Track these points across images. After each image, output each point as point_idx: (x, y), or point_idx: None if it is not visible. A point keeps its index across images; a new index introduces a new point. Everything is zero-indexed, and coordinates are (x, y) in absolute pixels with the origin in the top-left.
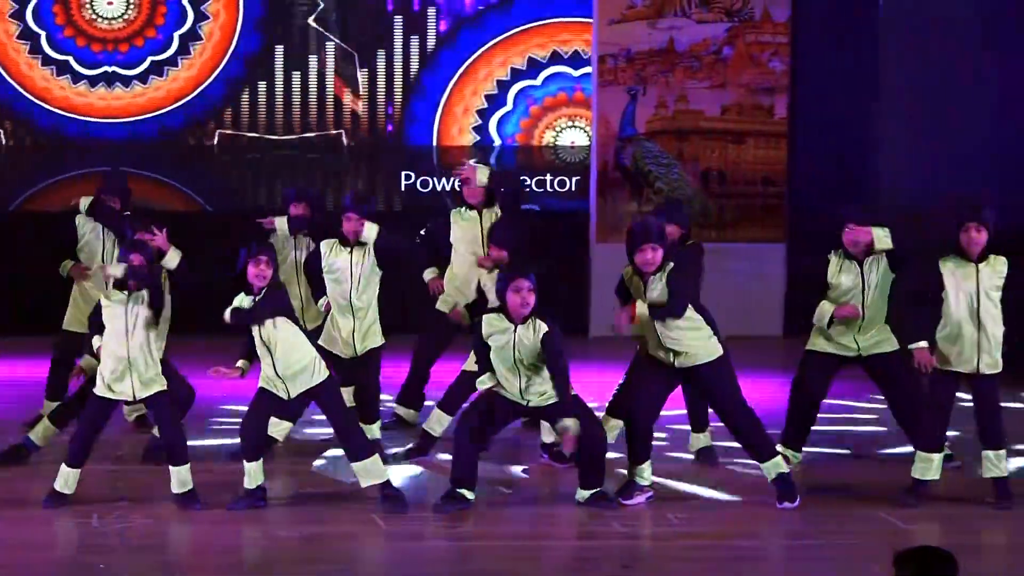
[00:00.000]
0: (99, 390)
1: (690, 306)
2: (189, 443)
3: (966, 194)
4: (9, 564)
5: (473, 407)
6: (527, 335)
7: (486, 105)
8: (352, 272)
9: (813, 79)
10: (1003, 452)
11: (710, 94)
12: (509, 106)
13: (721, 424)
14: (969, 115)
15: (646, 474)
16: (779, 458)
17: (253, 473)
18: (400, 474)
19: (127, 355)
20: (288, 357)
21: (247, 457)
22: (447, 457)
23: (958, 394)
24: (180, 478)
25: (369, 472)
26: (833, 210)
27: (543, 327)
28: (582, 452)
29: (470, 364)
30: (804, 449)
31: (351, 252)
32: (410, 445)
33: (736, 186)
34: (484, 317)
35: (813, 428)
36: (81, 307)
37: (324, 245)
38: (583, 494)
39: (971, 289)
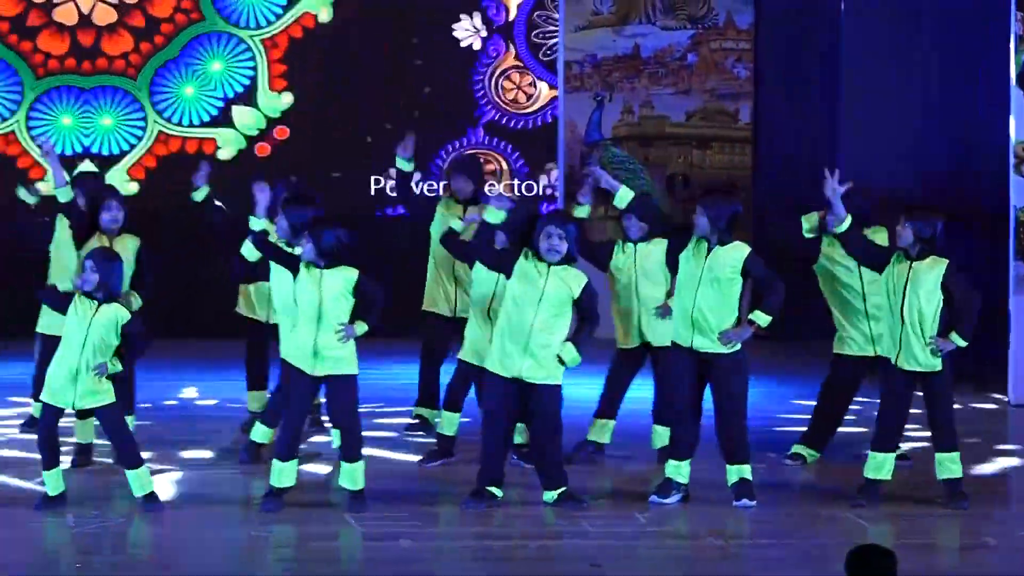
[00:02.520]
0: (45, 396)
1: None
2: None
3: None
4: None
5: (496, 408)
6: (559, 278)
7: None
8: None
9: (776, 85)
10: (957, 455)
11: (675, 100)
12: None
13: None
14: (930, 115)
15: (684, 472)
16: (747, 466)
17: (285, 472)
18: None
19: (76, 365)
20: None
21: (284, 456)
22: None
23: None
24: (140, 481)
25: (354, 477)
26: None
27: (583, 280)
28: (540, 454)
29: (465, 354)
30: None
31: None
32: (433, 449)
33: (701, 191)
34: (522, 255)
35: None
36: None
37: None
38: (550, 495)
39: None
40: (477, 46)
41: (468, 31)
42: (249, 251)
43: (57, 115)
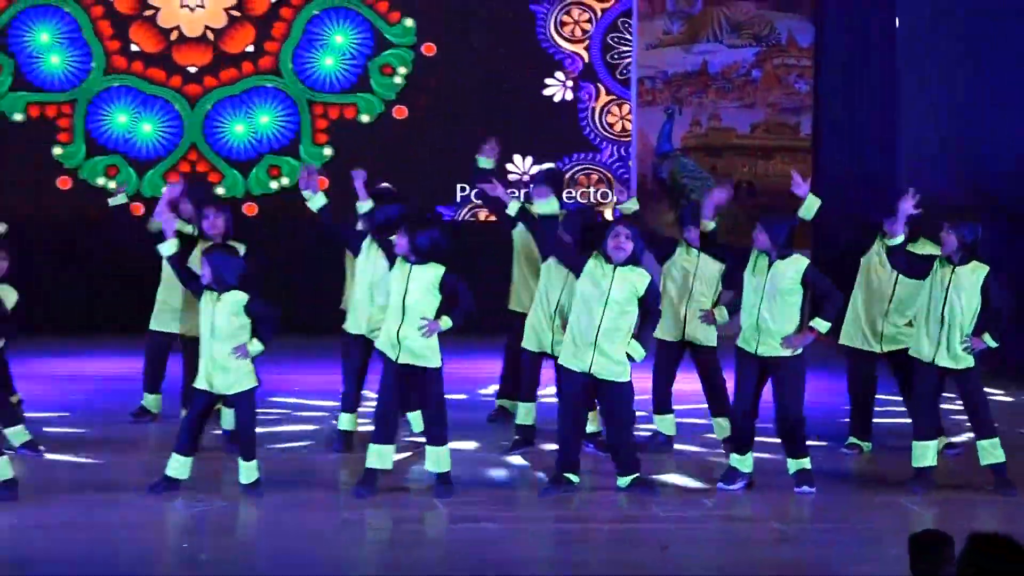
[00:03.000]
0: (198, 383)
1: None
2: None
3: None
4: (105, 541)
5: (571, 398)
6: (624, 278)
7: None
8: None
9: (835, 98)
10: (996, 440)
11: (740, 113)
12: None
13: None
14: (987, 123)
15: (747, 462)
16: (807, 457)
17: (383, 455)
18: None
19: (210, 352)
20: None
21: (380, 439)
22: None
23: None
24: (248, 472)
25: (439, 461)
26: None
27: (647, 279)
28: (615, 443)
29: (530, 344)
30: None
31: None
32: (516, 438)
33: (764, 198)
34: (592, 256)
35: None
36: (163, 308)
37: None
38: (624, 480)
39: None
40: (570, 96)
41: (555, 85)
42: (316, 200)
43: (230, 124)
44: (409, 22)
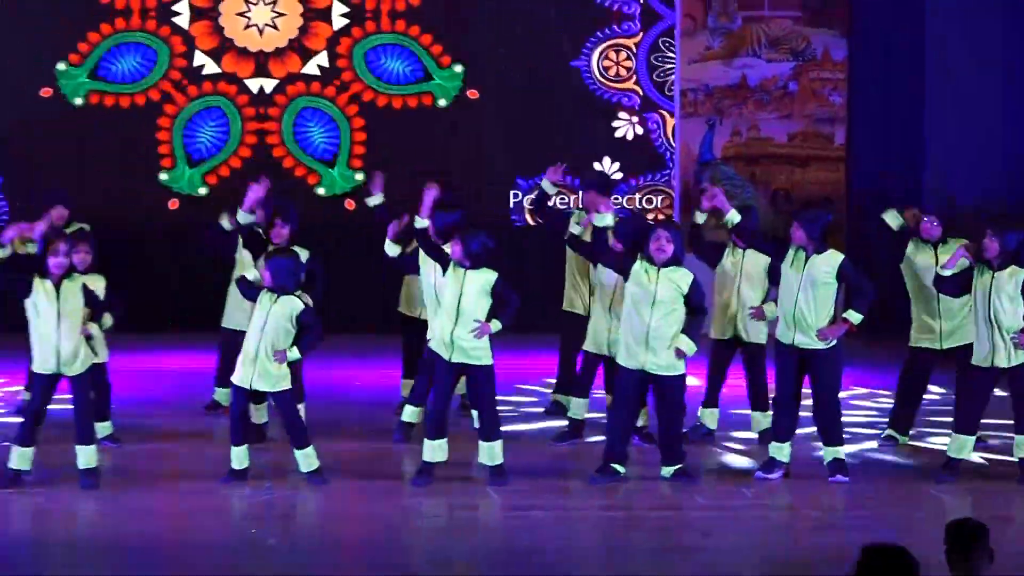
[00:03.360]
0: (234, 378)
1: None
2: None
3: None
4: (179, 527)
5: (625, 395)
6: (668, 279)
7: None
8: None
9: (867, 110)
10: None
11: (778, 124)
12: None
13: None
14: (1017, 131)
15: (785, 452)
16: (841, 447)
17: (436, 449)
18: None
19: (256, 348)
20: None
21: (433, 435)
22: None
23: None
24: (307, 460)
25: (492, 454)
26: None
27: (690, 277)
28: (664, 434)
29: (588, 345)
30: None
31: None
32: (564, 430)
33: (800, 204)
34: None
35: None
36: (235, 306)
37: None
38: (668, 470)
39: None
40: (641, 131)
41: (623, 123)
42: (390, 248)
43: (313, 129)
44: (458, 67)
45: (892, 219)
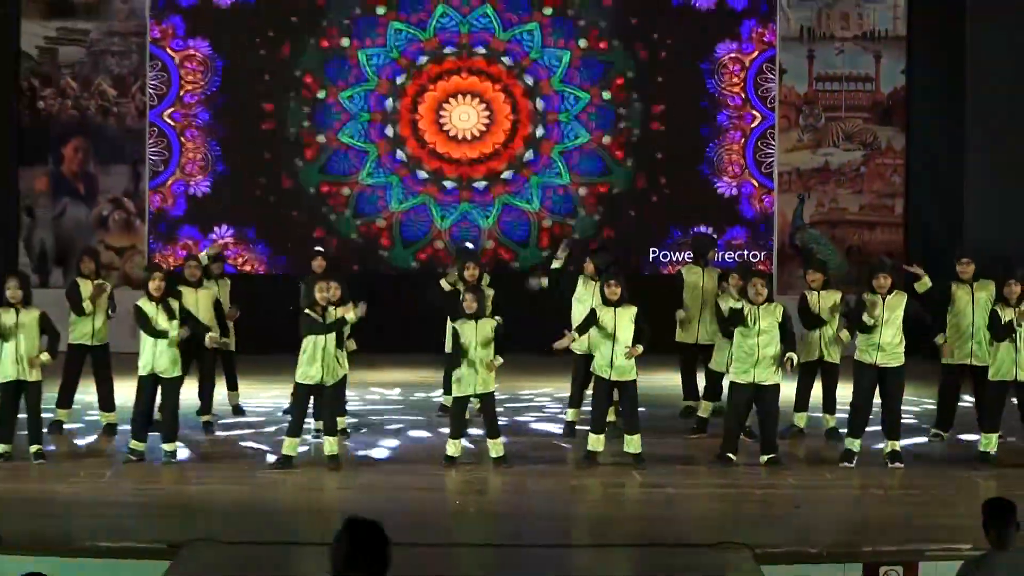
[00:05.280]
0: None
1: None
2: None
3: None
4: (400, 499)
5: (738, 402)
6: (768, 312)
7: None
8: None
9: (921, 187)
10: None
11: (852, 197)
12: None
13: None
14: None
15: (857, 444)
16: (898, 442)
17: (596, 442)
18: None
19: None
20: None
21: (597, 431)
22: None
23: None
24: (496, 448)
25: (634, 445)
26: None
27: (781, 308)
28: (763, 430)
29: (715, 364)
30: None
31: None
32: (693, 427)
33: (868, 257)
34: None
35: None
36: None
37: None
38: (764, 457)
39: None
40: (735, 192)
41: (729, 182)
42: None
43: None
44: (630, 162)
45: (921, 287)
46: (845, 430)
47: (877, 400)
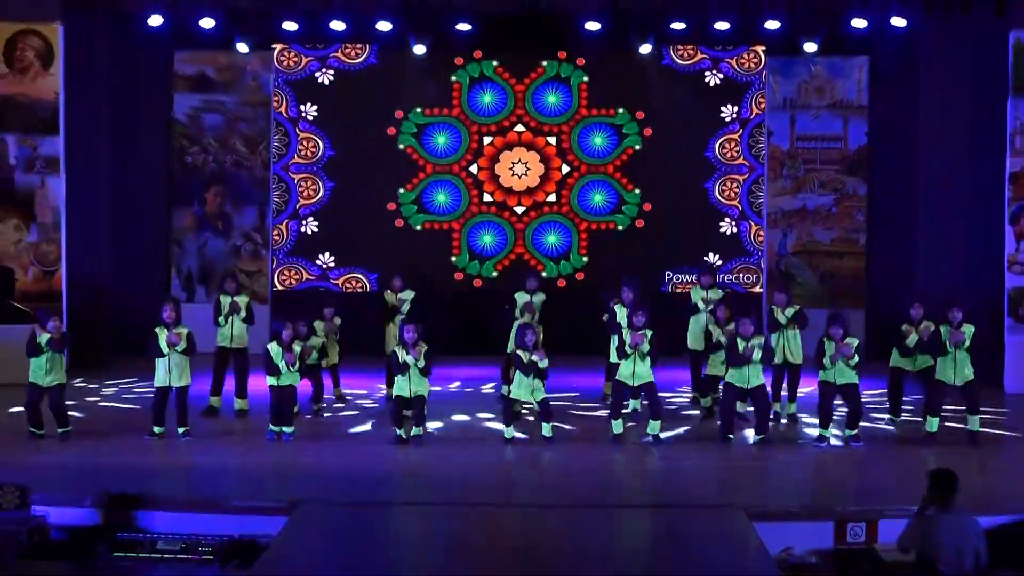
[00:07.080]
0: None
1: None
2: None
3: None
4: (463, 472)
5: (731, 399)
6: (756, 347)
7: None
8: None
9: (880, 224)
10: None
11: (825, 232)
12: None
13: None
14: (979, 239)
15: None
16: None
17: (617, 426)
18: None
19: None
20: None
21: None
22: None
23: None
24: (546, 429)
25: (656, 428)
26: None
27: (762, 338)
28: (759, 413)
29: (711, 369)
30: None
31: None
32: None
33: (838, 280)
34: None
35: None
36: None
37: None
38: (756, 437)
39: None
40: (736, 229)
41: (726, 225)
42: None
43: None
44: (638, 191)
45: (910, 342)
46: (808, 418)
47: (838, 400)
